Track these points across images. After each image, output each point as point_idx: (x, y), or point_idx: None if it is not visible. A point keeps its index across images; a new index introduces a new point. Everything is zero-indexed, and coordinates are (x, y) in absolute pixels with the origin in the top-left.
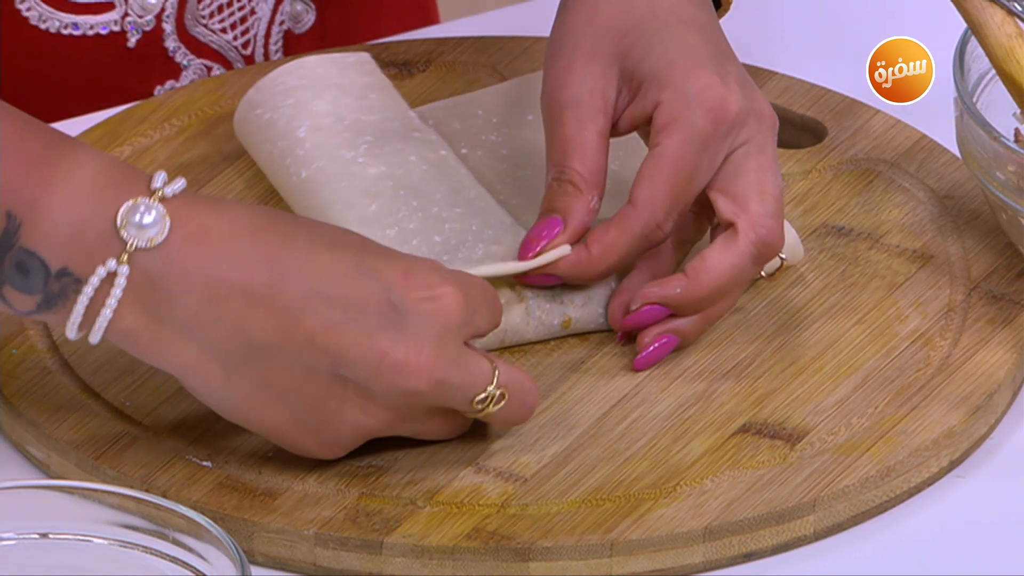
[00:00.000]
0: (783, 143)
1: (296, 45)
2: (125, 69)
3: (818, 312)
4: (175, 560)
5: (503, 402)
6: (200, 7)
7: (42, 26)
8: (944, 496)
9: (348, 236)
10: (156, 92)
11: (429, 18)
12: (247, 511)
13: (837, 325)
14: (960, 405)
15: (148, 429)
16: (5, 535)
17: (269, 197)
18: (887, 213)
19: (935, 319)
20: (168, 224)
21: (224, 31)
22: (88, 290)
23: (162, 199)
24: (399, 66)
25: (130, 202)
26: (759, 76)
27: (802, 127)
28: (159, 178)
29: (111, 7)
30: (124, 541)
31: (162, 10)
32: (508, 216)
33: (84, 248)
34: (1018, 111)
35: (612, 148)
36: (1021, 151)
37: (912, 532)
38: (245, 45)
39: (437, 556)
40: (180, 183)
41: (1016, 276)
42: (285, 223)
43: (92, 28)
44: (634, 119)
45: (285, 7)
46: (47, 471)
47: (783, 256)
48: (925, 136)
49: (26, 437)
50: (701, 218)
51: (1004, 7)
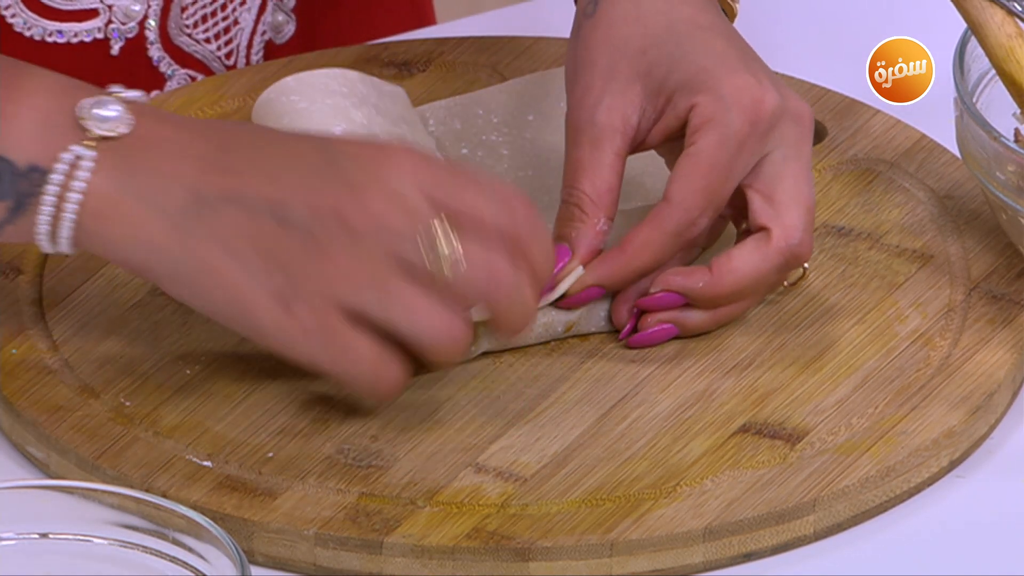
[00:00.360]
0: None
1: (277, 55)
2: (109, 78)
3: (818, 312)
4: (175, 560)
5: (463, 267)
6: (184, 16)
7: (27, 33)
8: (944, 496)
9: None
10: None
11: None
12: (247, 511)
13: (837, 325)
14: (960, 405)
15: (148, 429)
16: (5, 535)
17: None
18: (887, 213)
19: (935, 319)
20: (130, 119)
21: (208, 41)
22: (56, 177)
23: (120, 98)
24: (399, 66)
25: (87, 99)
26: None
27: None
28: (115, 87)
29: (95, 14)
30: (124, 541)
31: (144, 17)
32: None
33: (50, 142)
34: (1018, 111)
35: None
36: (1021, 151)
37: (912, 532)
38: (228, 55)
39: (437, 556)
40: (137, 93)
41: (1016, 276)
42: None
43: (76, 36)
44: (668, 130)
45: (267, 17)
46: (47, 471)
47: (807, 266)
48: (925, 136)
49: (26, 437)
50: (718, 222)
51: (1004, 7)
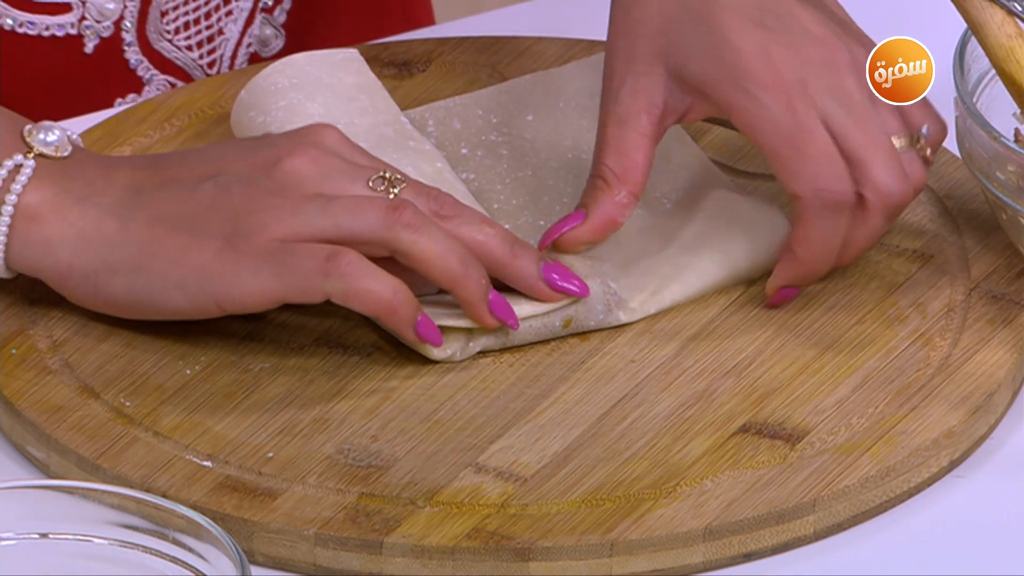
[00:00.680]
0: None
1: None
2: (83, 76)
3: (818, 312)
4: (175, 560)
5: (404, 184)
6: (163, 22)
7: None
8: (944, 496)
9: None
10: (116, 104)
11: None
12: (247, 511)
13: (837, 325)
14: (960, 405)
15: (148, 429)
16: (5, 535)
17: None
18: None
19: (935, 319)
20: (71, 147)
21: (190, 48)
22: None
23: (63, 131)
24: (399, 66)
25: (32, 124)
26: None
27: None
28: (48, 124)
29: (68, 9)
30: (124, 541)
31: (121, 18)
32: (506, 229)
33: None
34: (1018, 111)
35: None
36: (1021, 151)
37: (912, 532)
38: (211, 65)
39: (437, 556)
40: (76, 136)
41: (1016, 276)
42: None
43: (48, 29)
44: (707, 114)
45: (254, 30)
46: (47, 471)
47: (924, 132)
48: None
49: (26, 437)
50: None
51: (1004, 7)
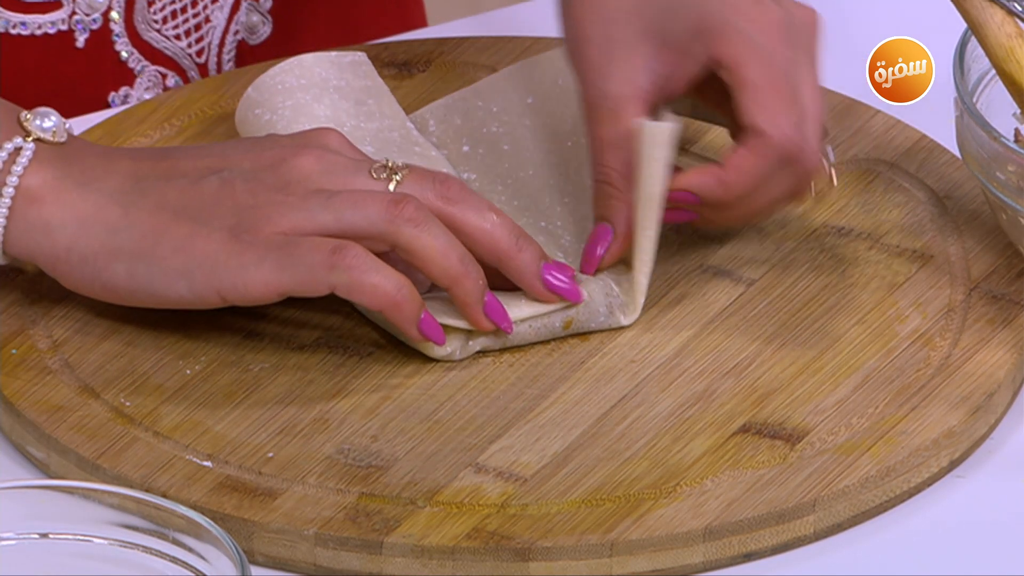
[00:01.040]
0: None
1: (250, 57)
2: (76, 72)
3: (818, 312)
4: (175, 560)
5: (407, 171)
6: (151, 11)
7: None
8: (944, 496)
9: None
10: (111, 98)
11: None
12: (247, 511)
13: (837, 325)
14: (960, 405)
15: (148, 429)
16: (5, 535)
17: None
18: (887, 213)
19: (935, 319)
20: (67, 134)
21: (178, 38)
22: None
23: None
24: (399, 66)
25: (31, 111)
26: None
27: None
28: (44, 109)
29: (59, 6)
30: (124, 541)
31: (109, 8)
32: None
33: None
34: (1018, 111)
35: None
36: (1021, 151)
37: (912, 532)
38: (199, 53)
39: (437, 556)
40: (70, 124)
41: (1016, 276)
42: None
43: (40, 28)
44: (692, 77)
45: (240, 17)
46: (47, 471)
47: (835, 179)
48: (925, 136)
49: (26, 437)
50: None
51: (1004, 7)
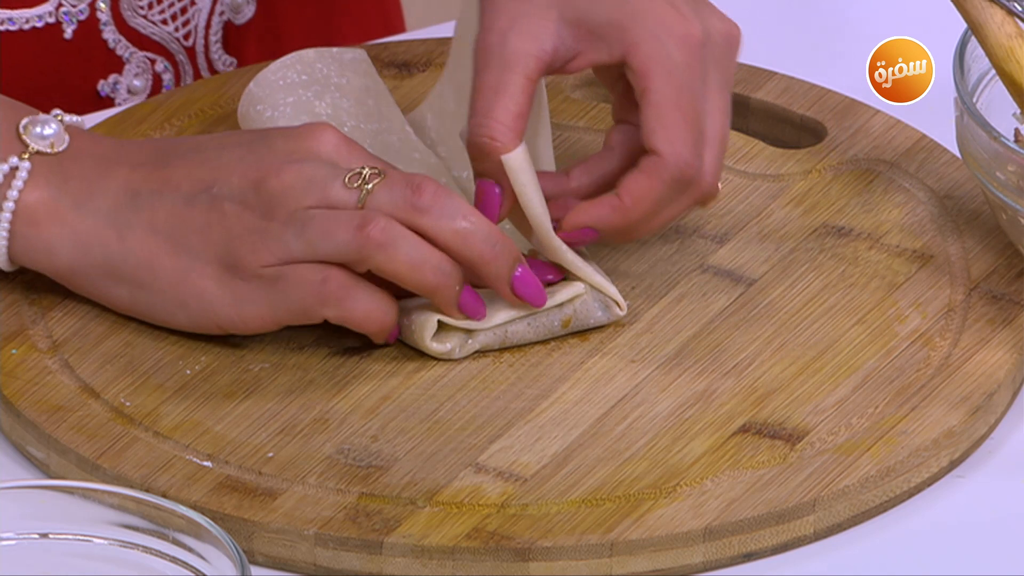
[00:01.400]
0: (783, 143)
1: (237, 37)
2: (65, 63)
3: (818, 312)
4: (175, 560)
5: (381, 178)
6: None
7: None
8: (944, 496)
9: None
10: (99, 87)
11: (391, 27)
12: (247, 511)
13: (837, 325)
14: (960, 405)
15: (148, 429)
16: (5, 535)
17: None
18: (887, 213)
19: (935, 319)
20: (67, 139)
21: (165, 22)
22: None
23: (60, 120)
24: (399, 66)
25: (30, 117)
26: (759, 76)
27: (802, 127)
28: (56, 111)
29: None
30: (124, 541)
31: None
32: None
33: None
34: (1018, 111)
35: None
36: (1021, 151)
37: (912, 532)
38: (186, 36)
39: (437, 556)
40: (75, 118)
41: (1016, 276)
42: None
43: (28, 22)
44: (595, 62)
45: None
46: (47, 471)
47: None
48: (925, 136)
49: (26, 437)
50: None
51: (1004, 7)
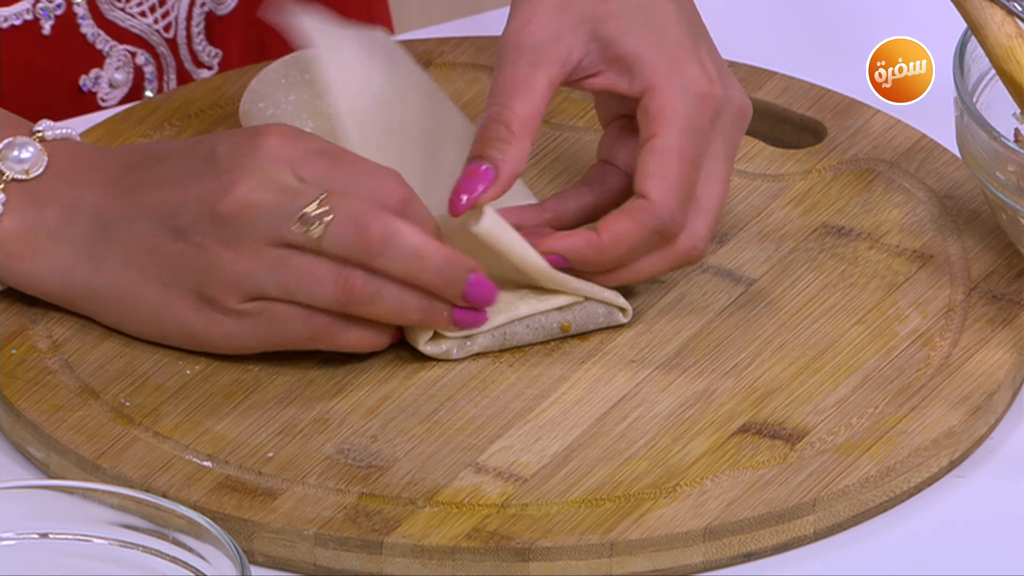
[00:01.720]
0: (783, 143)
1: (219, 28)
2: (46, 60)
3: (818, 312)
4: (175, 560)
5: (330, 218)
6: None
7: None
8: (944, 496)
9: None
10: (81, 82)
11: (378, 23)
12: (247, 511)
13: (837, 325)
14: (960, 405)
15: (148, 429)
16: (5, 535)
17: None
18: (887, 213)
19: (935, 319)
20: (45, 161)
21: (143, 15)
22: None
23: (41, 140)
24: None
25: (8, 140)
26: (759, 76)
27: (802, 127)
28: (43, 123)
29: None
30: (124, 541)
31: None
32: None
33: None
34: (1018, 111)
35: None
36: (1021, 151)
37: (912, 532)
38: (167, 28)
39: (437, 556)
40: (63, 130)
41: (1016, 276)
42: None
43: (6, 20)
44: (610, 87)
45: None
46: (47, 471)
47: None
48: (925, 136)
49: (26, 437)
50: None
51: (1004, 7)
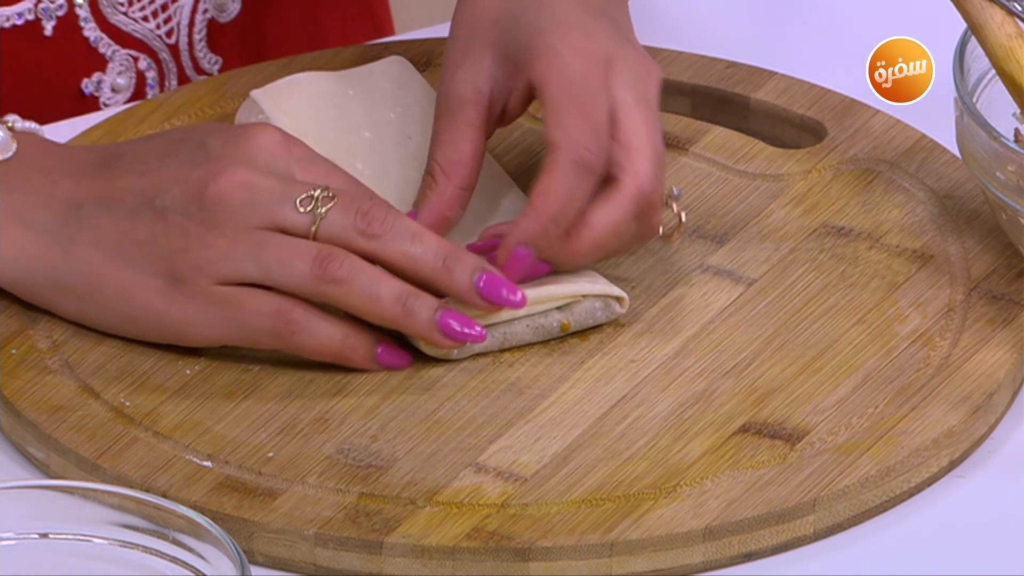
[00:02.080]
0: (783, 143)
1: (221, 35)
2: (48, 61)
3: (818, 312)
4: (175, 560)
5: (333, 202)
6: None
7: None
8: (944, 496)
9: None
10: (83, 86)
11: (381, 29)
12: (247, 511)
13: (837, 325)
14: (960, 405)
15: (148, 429)
16: (5, 535)
17: None
18: (887, 213)
19: (935, 319)
20: (14, 148)
21: (145, 19)
22: None
23: (10, 128)
24: None
25: None
26: (759, 76)
27: (802, 127)
28: (10, 117)
29: None
30: (124, 541)
31: None
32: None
33: None
34: (1018, 111)
35: None
36: (1021, 151)
37: (912, 532)
38: (169, 34)
39: (437, 556)
40: (31, 124)
41: (1016, 276)
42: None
43: (8, 20)
44: (523, 96)
45: None
46: (47, 471)
47: (683, 217)
48: (925, 136)
49: (26, 437)
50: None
51: (1004, 7)
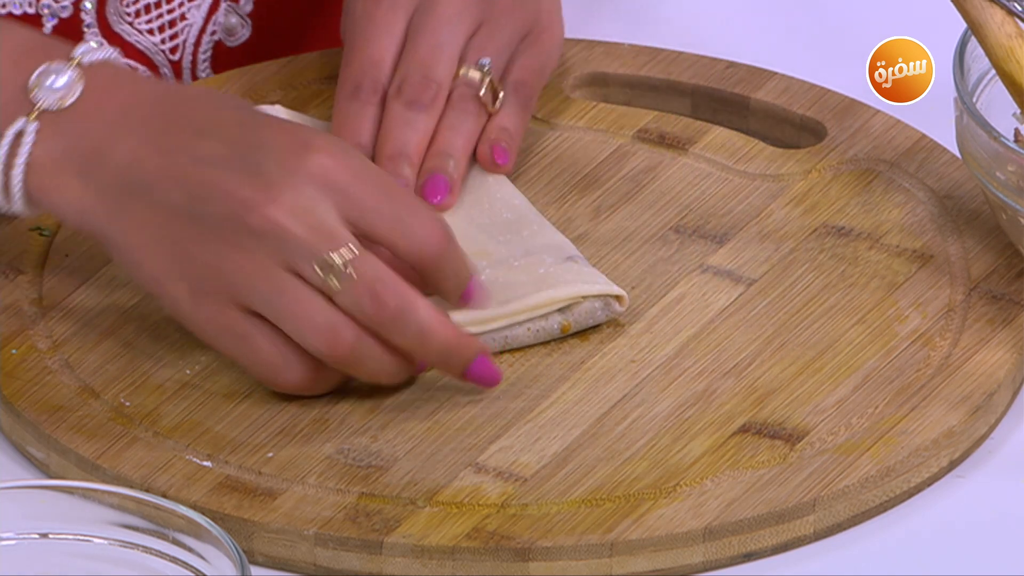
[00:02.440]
0: (783, 143)
1: (226, 58)
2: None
3: (818, 312)
4: (175, 560)
5: (348, 280)
6: (124, 3)
7: None
8: (944, 496)
9: (249, 106)
10: None
11: None
12: (247, 511)
13: (837, 325)
14: (960, 405)
15: (148, 429)
16: (5, 535)
17: None
18: (887, 213)
19: (935, 319)
20: (80, 88)
21: (151, 32)
22: (3, 144)
23: (79, 65)
24: None
25: (44, 66)
26: (759, 76)
27: (802, 127)
28: (82, 47)
29: None
30: (124, 541)
31: None
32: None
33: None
34: (1018, 111)
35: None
36: (1021, 151)
37: (912, 532)
38: (173, 50)
39: (437, 556)
40: (103, 53)
41: (1016, 276)
42: (195, 89)
43: (5, 6)
44: None
45: (219, 18)
46: (47, 471)
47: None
48: (925, 136)
49: (26, 437)
50: None
51: (1004, 7)
